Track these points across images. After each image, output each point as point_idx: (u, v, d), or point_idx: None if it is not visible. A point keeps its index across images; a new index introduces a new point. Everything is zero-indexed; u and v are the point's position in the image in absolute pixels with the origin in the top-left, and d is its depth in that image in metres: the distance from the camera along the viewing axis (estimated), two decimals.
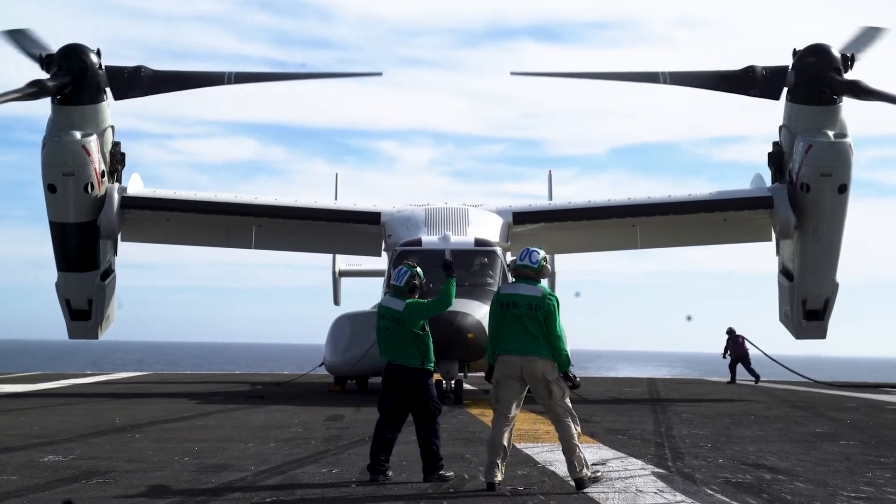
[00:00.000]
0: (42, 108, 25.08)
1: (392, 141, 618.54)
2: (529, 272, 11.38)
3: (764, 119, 25.64)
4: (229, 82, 25.99)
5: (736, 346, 36.74)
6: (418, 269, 12.43)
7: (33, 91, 24.31)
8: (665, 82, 25.42)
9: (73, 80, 24.72)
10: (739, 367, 36.78)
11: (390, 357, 12.24)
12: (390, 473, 11.87)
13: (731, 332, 37.13)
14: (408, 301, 12.16)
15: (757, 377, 36.41)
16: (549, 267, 11.53)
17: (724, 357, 37.26)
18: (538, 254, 11.47)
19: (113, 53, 24.64)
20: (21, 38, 24.78)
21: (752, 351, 36.75)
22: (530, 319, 11.10)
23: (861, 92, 24.45)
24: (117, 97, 25.35)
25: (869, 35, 25.39)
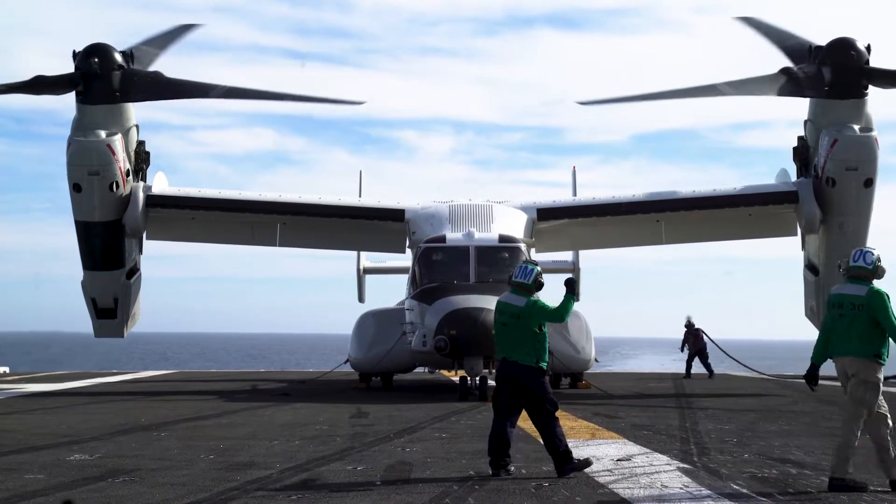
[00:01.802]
0: (64, 102, 25.20)
1: (412, 130, 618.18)
2: (862, 272, 11.36)
3: (784, 104, 25.46)
4: (215, 96, 25.83)
5: (696, 340, 36.27)
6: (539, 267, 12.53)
7: (30, 86, 24.44)
8: (726, 94, 25.26)
9: (87, 79, 24.78)
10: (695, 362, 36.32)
11: (505, 353, 12.29)
12: (511, 468, 11.95)
13: (689, 325, 36.57)
14: (530, 298, 12.21)
15: (711, 373, 35.97)
16: (884, 266, 11.41)
17: (682, 350, 36.84)
18: (872, 254, 11.46)
19: (126, 46, 24.62)
20: None
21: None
22: (852, 320, 11.08)
23: None
24: (120, 100, 25.33)
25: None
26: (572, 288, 12.44)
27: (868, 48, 24.68)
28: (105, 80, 24.87)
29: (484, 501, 10.20)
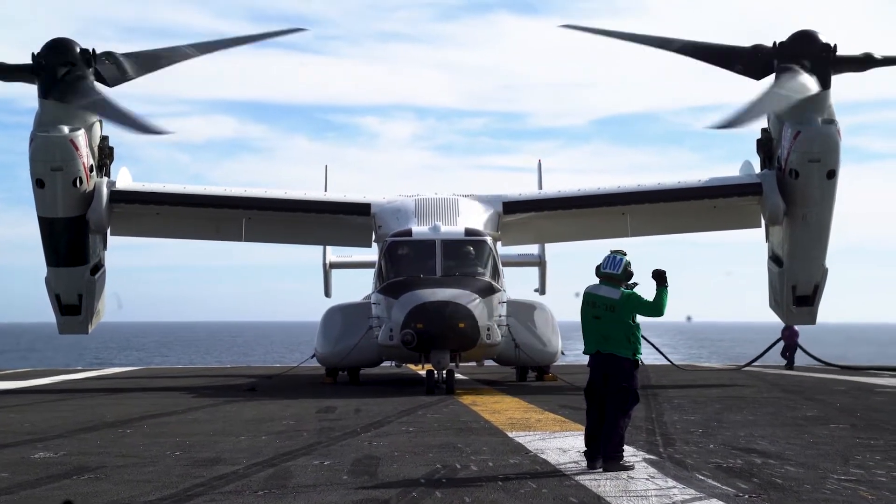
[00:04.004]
0: (21, 90, 24.89)
1: (373, 116, 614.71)
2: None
3: (742, 87, 25.50)
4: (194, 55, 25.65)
5: None
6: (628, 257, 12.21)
7: None
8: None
9: (55, 75, 24.52)
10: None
11: (599, 346, 11.99)
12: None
13: None
14: (625, 290, 11.97)
15: None
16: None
17: None
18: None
19: (87, 33, 24.43)
20: None
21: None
22: None
23: (874, 62, 24.65)
24: (111, 85, 25.09)
25: None
26: (663, 279, 12.03)
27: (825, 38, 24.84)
28: (76, 75, 24.60)
29: (451, 495, 10.21)
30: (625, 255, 12.21)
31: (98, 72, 24.90)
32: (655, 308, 11.97)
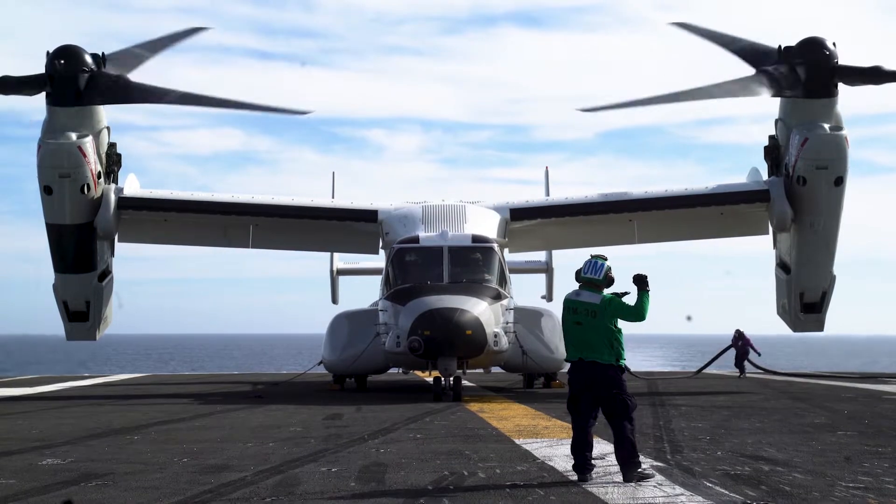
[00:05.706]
0: (28, 102, 24.91)
1: (380, 129, 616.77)
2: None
3: (748, 100, 25.45)
4: (170, 101, 25.75)
5: None
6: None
7: None
8: (715, 97, 25.35)
9: (54, 81, 24.60)
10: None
11: (580, 353, 11.75)
12: (596, 471, 11.64)
13: None
14: (605, 296, 11.81)
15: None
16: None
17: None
18: None
19: (92, 46, 24.37)
20: None
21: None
22: None
23: (885, 76, 24.59)
24: (86, 102, 25.12)
25: None
26: (644, 283, 11.77)
27: (834, 45, 24.84)
28: (72, 82, 24.71)
29: (459, 502, 10.20)
30: (605, 259, 12.09)
31: (105, 78, 25.03)
32: (637, 312, 11.78)
